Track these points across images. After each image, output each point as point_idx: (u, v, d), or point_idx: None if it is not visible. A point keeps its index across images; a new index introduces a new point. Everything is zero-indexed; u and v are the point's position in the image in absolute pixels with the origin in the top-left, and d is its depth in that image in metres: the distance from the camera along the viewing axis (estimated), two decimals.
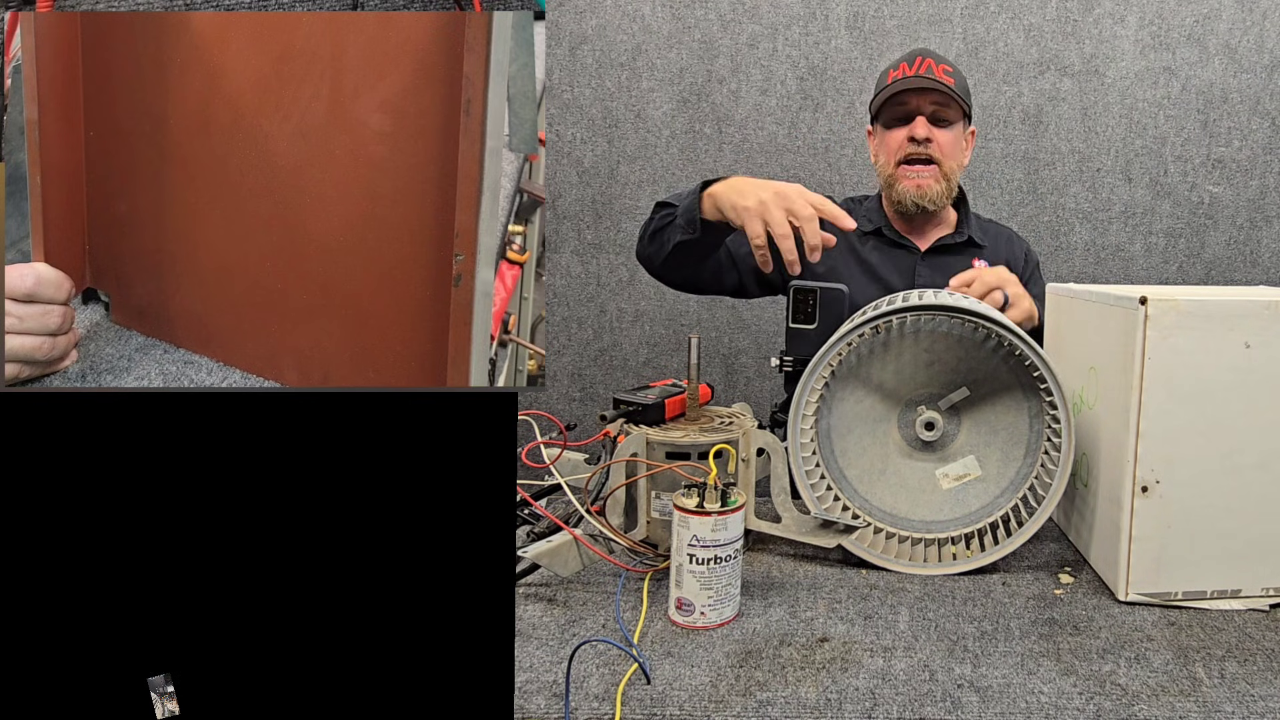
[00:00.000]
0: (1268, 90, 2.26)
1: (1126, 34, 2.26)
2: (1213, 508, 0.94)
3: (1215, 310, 0.93)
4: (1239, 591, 0.96)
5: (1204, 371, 0.93)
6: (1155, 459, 0.94)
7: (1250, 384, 0.93)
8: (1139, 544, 0.95)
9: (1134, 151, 2.29)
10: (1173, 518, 0.94)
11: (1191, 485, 0.94)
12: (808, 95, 2.31)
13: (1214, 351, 0.93)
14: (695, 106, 2.32)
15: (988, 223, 1.71)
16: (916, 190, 1.54)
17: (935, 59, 1.54)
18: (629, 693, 0.77)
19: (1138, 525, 0.94)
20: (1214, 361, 0.93)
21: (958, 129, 1.56)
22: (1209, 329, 0.92)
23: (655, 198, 2.34)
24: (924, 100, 1.53)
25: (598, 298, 2.40)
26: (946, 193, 1.56)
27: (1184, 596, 0.96)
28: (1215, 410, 0.93)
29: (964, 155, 1.61)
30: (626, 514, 1.02)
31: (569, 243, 2.39)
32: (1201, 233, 2.31)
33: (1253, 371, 0.93)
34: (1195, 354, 0.93)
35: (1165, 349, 0.92)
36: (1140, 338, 0.92)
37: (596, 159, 2.36)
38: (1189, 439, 0.94)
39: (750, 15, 2.29)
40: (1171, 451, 0.94)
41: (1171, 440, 0.94)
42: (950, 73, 1.54)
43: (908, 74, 1.53)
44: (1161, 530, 0.94)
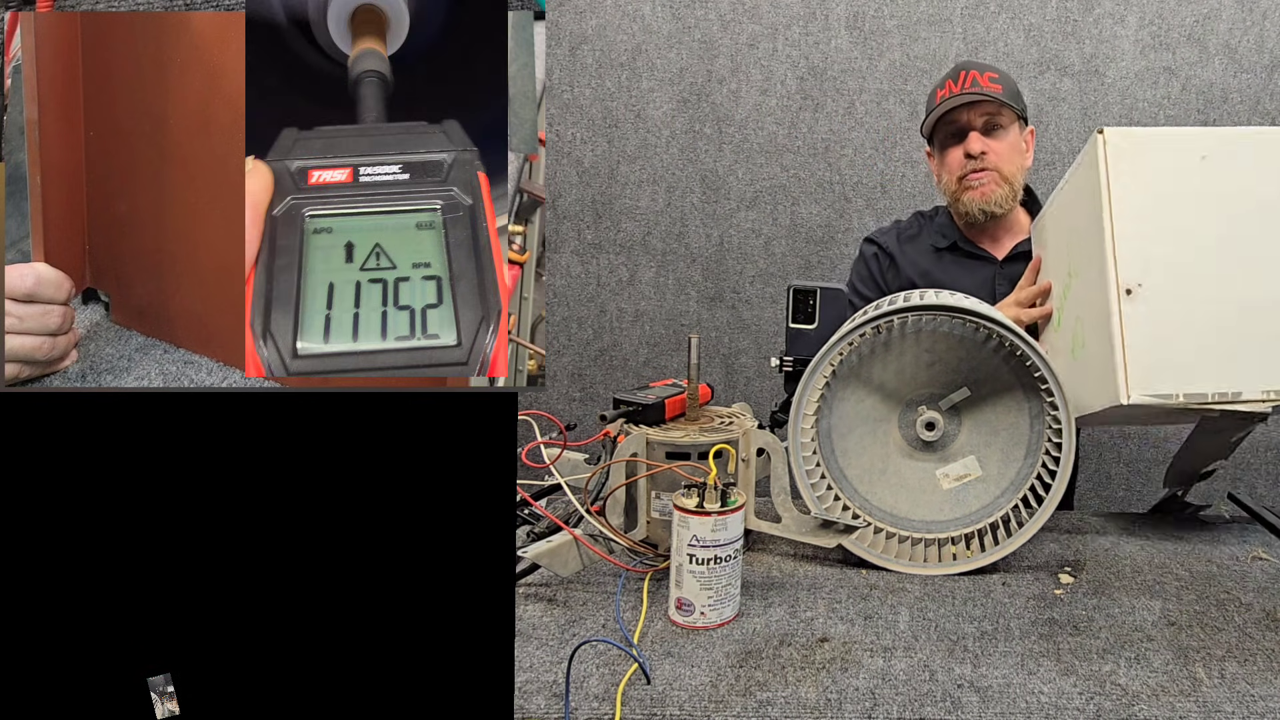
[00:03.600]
0: (1268, 90, 2.26)
1: (1126, 34, 2.26)
2: (1199, 309, 0.97)
3: (1169, 136, 1.01)
4: (1239, 394, 0.97)
5: (1166, 184, 0.99)
6: (1134, 263, 0.98)
7: (1212, 189, 0.98)
8: (1132, 348, 0.97)
9: None
10: (1161, 318, 0.97)
11: (1176, 285, 0.97)
12: (808, 95, 2.31)
13: (1173, 167, 0.99)
14: (695, 106, 2.32)
15: None
16: (981, 198, 1.55)
17: (979, 69, 1.54)
18: (629, 693, 0.77)
19: (1128, 328, 0.97)
20: (1174, 174, 0.99)
21: (1013, 133, 1.55)
22: (1164, 150, 1.00)
23: (655, 198, 2.35)
24: (974, 114, 1.53)
25: (598, 298, 2.40)
26: (1011, 195, 1.56)
27: (1185, 399, 0.97)
28: (1185, 217, 0.98)
29: (1025, 157, 1.60)
30: (626, 514, 1.02)
31: (569, 243, 2.39)
32: None
33: (1212, 178, 0.98)
34: (1156, 171, 0.99)
35: (1126, 167, 0.99)
36: (1102, 162, 0.99)
37: (596, 159, 2.36)
38: (1165, 240, 0.98)
39: (750, 15, 2.29)
40: (1149, 252, 0.98)
41: (1148, 242, 0.98)
42: (997, 79, 1.53)
43: (954, 91, 1.54)
44: (1152, 329, 0.97)
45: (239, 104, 1.01)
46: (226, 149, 1.06)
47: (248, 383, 1.04)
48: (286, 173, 0.95)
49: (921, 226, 1.68)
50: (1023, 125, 1.59)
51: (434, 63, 1.04)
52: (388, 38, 1.04)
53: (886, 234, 1.70)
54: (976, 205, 1.56)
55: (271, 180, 0.94)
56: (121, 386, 1.08)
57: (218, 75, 1.07)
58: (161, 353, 1.14)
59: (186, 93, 1.09)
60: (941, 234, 1.63)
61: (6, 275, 1.03)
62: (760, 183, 2.34)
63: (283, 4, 1.02)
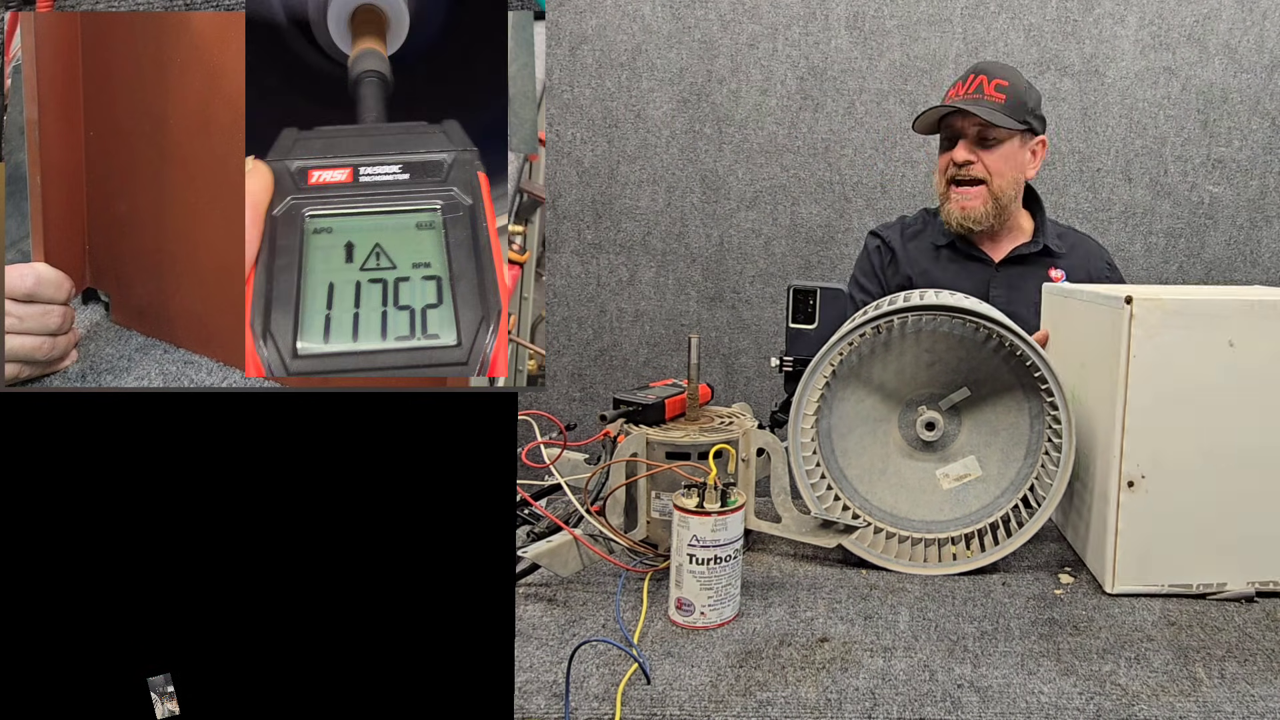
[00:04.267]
0: (1268, 90, 2.26)
1: (1126, 34, 2.26)
2: (1198, 503, 0.96)
3: (1199, 309, 0.94)
4: (1224, 585, 0.97)
5: (1188, 369, 0.94)
6: (1141, 454, 0.95)
7: (1234, 381, 0.94)
8: (1125, 538, 0.96)
9: (1134, 151, 2.29)
10: (1158, 512, 0.96)
11: (1177, 480, 0.95)
12: (808, 95, 2.31)
13: (1198, 349, 0.94)
14: (695, 106, 2.32)
15: (1066, 230, 1.68)
16: (961, 212, 1.54)
17: (989, 74, 1.51)
18: (629, 693, 0.76)
19: (1124, 519, 0.96)
20: (1198, 359, 0.94)
21: (1009, 146, 1.53)
22: (1193, 327, 0.94)
23: (655, 198, 2.35)
24: (967, 123, 1.51)
25: (598, 298, 2.40)
26: (995, 212, 1.55)
27: (1170, 588, 0.97)
28: (1200, 407, 0.95)
29: (1026, 169, 1.58)
30: (626, 514, 1.02)
31: (569, 243, 2.39)
32: (1201, 233, 2.31)
33: (1236, 369, 0.94)
34: (1180, 352, 0.94)
35: (1150, 347, 0.94)
36: (1126, 336, 0.94)
37: (596, 159, 2.36)
38: (1174, 435, 0.95)
39: (750, 15, 2.29)
40: (1157, 447, 0.95)
41: (1157, 436, 0.95)
42: (1005, 87, 1.50)
43: (959, 94, 1.52)
44: (1147, 524, 0.96)
45: (239, 104, 1.01)
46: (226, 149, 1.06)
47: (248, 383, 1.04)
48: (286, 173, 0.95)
49: (926, 223, 1.68)
50: (1029, 136, 1.56)
51: (434, 63, 1.04)
52: (388, 38, 1.04)
53: (891, 229, 1.70)
54: (955, 217, 1.55)
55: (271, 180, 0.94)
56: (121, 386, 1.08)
57: (218, 75, 1.07)
58: (161, 353, 1.14)
59: (186, 93, 1.09)
60: (943, 231, 1.63)
61: (6, 275, 1.03)
62: (760, 183, 2.34)
63: (283, 4, 1.02)
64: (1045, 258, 1.61)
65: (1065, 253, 1.62)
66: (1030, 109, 1.56)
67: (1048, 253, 1.61)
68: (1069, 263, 1.61)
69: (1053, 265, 1.61)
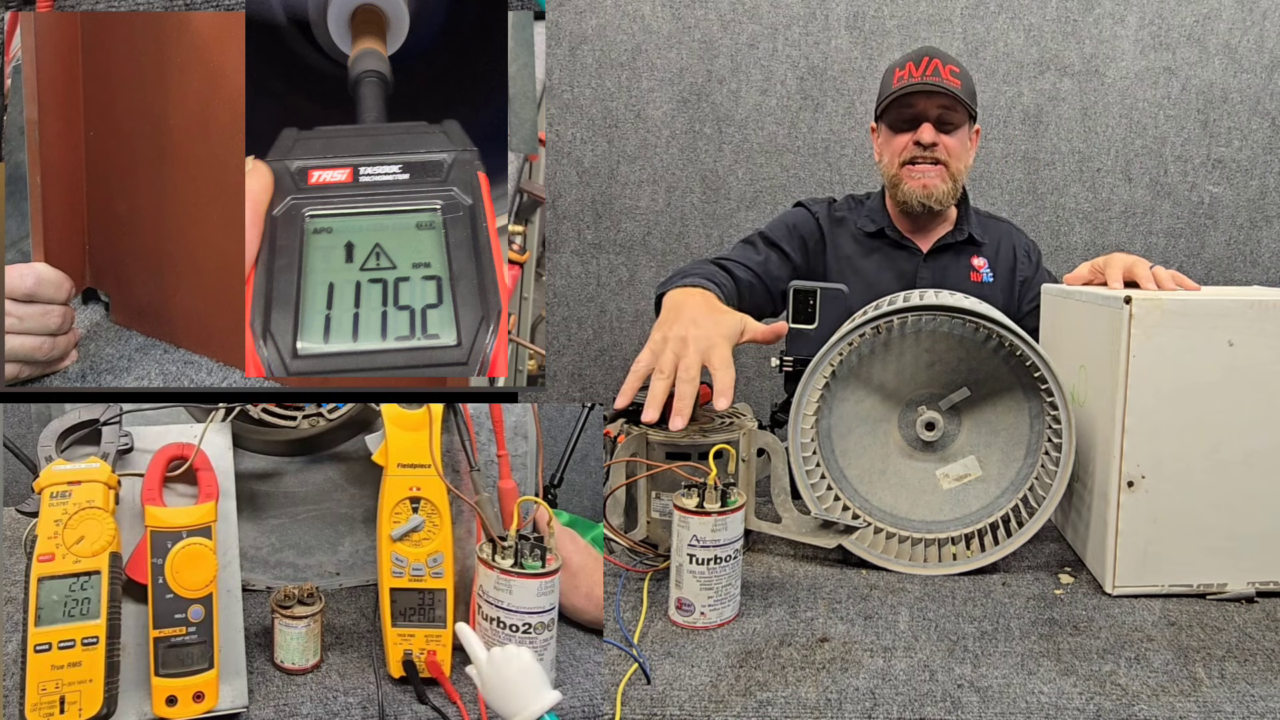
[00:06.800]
0: (1268, 90, 2.26)
1: (1126, 34, 2.26)
2: (1198, 503, 0.96)
3: (1199, 309, 0.94)
4: (1225, 586, 0.97)
5: (1188, 369, 0.94)
6: (1140, 455, 0.95)
7: (1233, 381, 0.94)
8: (1125, 538, 0.96)
9: (1134, 151, 2.29)
10: (1158, 512, 0.96)
11: (1176, 481, 0.95)
12: (808, 95, 2.31)
13: (1198, 349, 0.94)
14: (695, 106, 2.32)
15: (986, 218, 1.68)
16: (923, 190, 1.52)
17: (943, 59, 1.51)
18: (629, 693, 0.77)
19: (1124, 519, 0.96)
20: (1198, 359, 0.94)
21: (963, 131, 1.53)
22: (1192, 327, 0.94)
23: (655, 198, 2.35)
24: (930, 104, 1.50)
25: (598, 298, 2.40)
26: (953, 192, 1.54)
27: (1169, 588, 0.97)
28: (1199, 407, 0.95)
29: (970, 156, 1.58)
30: (626, 514, 1.02)
31: (569, 243, 2.39)
32: (1201, 233, 2.31)
33: (1236, 369, 0.94)
34: (1179, 352, 0.94)
35: (1150, 347, 0.94)
36: (1125, 336, 0.94)
37: (596, 159, 2.36)
38: (1173, 435, 0.95)
39: (750, 15, 2.29)
40: (1156, 447, 0.95)
41: (1156, 436, 0.95)
42: (957, 74, 1.51)
43: (914, 76, 1.50)
44: (1147, 525, 0.96)
45: (239, 104, 1.01)
46: (226, 149, 1.06)
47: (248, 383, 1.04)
48: (286, 172, 0.95)
49: (850, 209, 1.65)
50: (972, 124, 1.56)
51: (434, 63, 1.04)
52: (388, 38, 1.04)
53: (819, 205, 1.66)
54: (917, 196, 1.53)
55: (271, 180, 0.94)
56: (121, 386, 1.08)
57: (218, 75, 1.07)
58: (161, 353, 1.14)
59: (186, 93, 1.09)
60: (871, 219, 1.61)
61: (6, 275, 1.03)
62: (760, 183, 2.34)
63: (283, 4, 1.02)
64: (970, 246, 1.60)
65: (987, 241, 1.62)
66: (975, 97, 1.57)
67: (972, 241, 1.60)
68: (990, 251, 1.61)
69: (975, 254, 1.60)
